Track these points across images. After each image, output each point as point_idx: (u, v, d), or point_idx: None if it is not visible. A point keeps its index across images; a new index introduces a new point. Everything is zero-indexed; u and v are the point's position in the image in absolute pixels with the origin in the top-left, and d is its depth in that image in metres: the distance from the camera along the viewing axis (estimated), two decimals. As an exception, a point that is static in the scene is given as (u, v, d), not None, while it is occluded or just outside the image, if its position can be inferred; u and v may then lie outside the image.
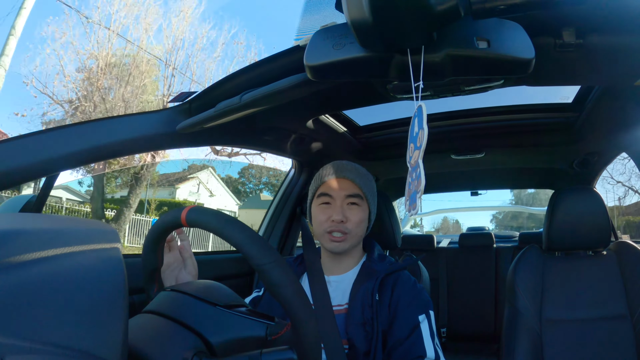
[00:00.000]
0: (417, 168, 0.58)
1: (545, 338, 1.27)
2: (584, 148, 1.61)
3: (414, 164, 0.60)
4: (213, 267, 1.47)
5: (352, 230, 0.99)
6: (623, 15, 0.68)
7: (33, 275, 0.38)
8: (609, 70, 0.87)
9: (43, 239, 0.42)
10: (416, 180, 0.58)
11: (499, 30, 0.61)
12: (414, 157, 0.60)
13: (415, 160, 0.59)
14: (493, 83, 0.82)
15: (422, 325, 0.90)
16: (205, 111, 1.01)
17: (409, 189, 0.61)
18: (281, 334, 0.57)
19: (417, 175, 0.57)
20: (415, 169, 0.59)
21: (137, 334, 0.52)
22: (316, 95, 0.97)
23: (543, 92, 1.45)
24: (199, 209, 0.59)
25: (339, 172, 1.02)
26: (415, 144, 0.61)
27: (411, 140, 0.63)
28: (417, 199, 0.57)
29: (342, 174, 1.02)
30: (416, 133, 0.61)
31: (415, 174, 0.59)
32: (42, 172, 0.89)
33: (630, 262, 1.29)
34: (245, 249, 0.53)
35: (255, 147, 1.45)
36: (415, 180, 0.58)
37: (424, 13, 0.53)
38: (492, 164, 1.98)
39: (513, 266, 1.40)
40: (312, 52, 0.67)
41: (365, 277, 0.98)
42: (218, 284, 0.67)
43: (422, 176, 0.56)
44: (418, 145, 0.59)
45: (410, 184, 0.61)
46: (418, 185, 0.57)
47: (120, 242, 0.47)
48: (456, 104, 1.51)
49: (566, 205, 1.35)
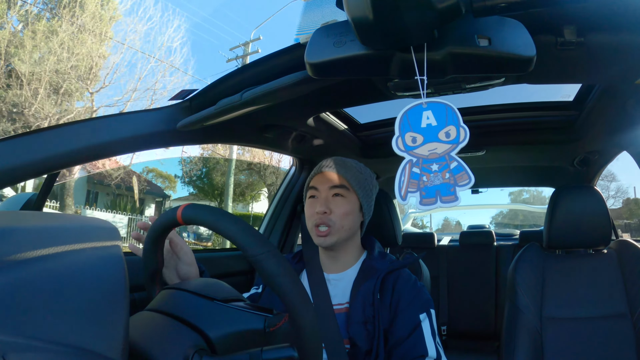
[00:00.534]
0: (452, 161, 0.59)
1: (545, 336, 1.27)
2: (585, 146, 1.61)
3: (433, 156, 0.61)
4: (214, 265, 1.47)
5: (337, 222, 0.97)
6: (624, 14, 0.68)
7: (34, 273, 0.38)
8: (610, 69, 0.86)
9: (44, 236, 0.42)
10: (445, 172, 0.59)
11: (500, 28, 0.61)
12: (435, 149, 0.61)
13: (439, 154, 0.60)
14: (494, 81, 0.82)
15: (423, 324, 0.90)
16: (206, 109, 1.01)
17: (414, 180, 0.61)
18: (279, 325, 0.57)
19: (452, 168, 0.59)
20: (440, 162, 0.60)
21: (138, 331, 0.52)
22: (317, 93, 0.97)
23: (544, 90, 1.45)
24: (193, 206, 0.59)
25: (325, 166, 1.03)
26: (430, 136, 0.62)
27: (413, 131, 0.63)
28: (457, 192, 0.58)
29: (328, 167, 1.02)
30: (430, 125, 0.62)
31: (438, 166, 0.60)
32: (43, 170, 0.89)
33: (631, 261, 1.29)
34: (240, 240, 0.53)
35: (256, 145, 1.45)
36: (444, 172, 0.59)
37: (425, 11, 0.53)
38: (492, 162, 1.98)
39: (513, 264, 1.40)
40: (313, 50, 0.67)
41: (366, 275, 0.98)
42: (216, 281, 0.67)
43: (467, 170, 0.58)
44: (446, 140, 0.60)
45: (421, 175, 0.61)
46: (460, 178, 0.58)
47: (120, 239, 0.47)
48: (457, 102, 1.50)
49: (567, 204, 1.35)
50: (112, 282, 0.43)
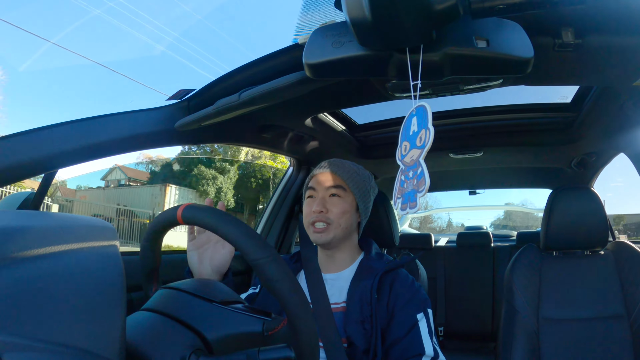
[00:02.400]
0: (418, 167, 0.59)
1: (542, 337, 1.27)
2: (582, 148, 1.62)
3: (412, 162, 0.61)
4: None
5: (334, 220, 0.99)
6: (622, 16, 0.68)
7: (31, 272, 0.38)
8: (607, 71, 0.87)
9: (41, 236, 0.42)
10: (414, 179, 0.59)
11: (498, 30, 0.61)
12: (412, 156, 0.61)
13: (414, 160, 0.60)
14: (492, 82, 0.82)
15: (420, 323, 0.91)
16: (204, 109, 1.01)
17: (401, 187, 0.62)
18: (277, 329, 0.57)
19: (418, 174, 0.58)
20: (414, 168, 0.60)
21: (135, 331, 0.51)
22: (315, 94, 0.97)
23: (542, 92, 1.45)
24: (194, 207, 0.59)
25: (324, 167, 1.06)
26: (412, 142, 0.62)
27: (406, 139, 0.64)
28: (417, 198, 0.58)
29: (326, 168, 1.05)
30: (414, 132, 0.62)
31: (412, 172, 0.60)
32: (40, 169, 0.88)
33: (628, 262, 1.29)
34: (241, 244, 0.53)
35: (254, 145, 1.45)
36: (413, 179, 0.59)
37: (424, 12, 0.53)
38: (490, 163, 1.98)
39: (511, 265, 1.40)
40: (311, 50, 0.67)
41: (364, 274, 0.98)
42: (215, 282, 0.67)
43: (426, 175, 0.57)
44: (419, 145, 0.60)
45: (403, 182, 0.62)
46: (420, 184, 0.58)
47: (118, 239, 0.47)
48: (455, 103, 1.51)
49: (564, 205, 1.36)
50: (109, 282, 0.43)
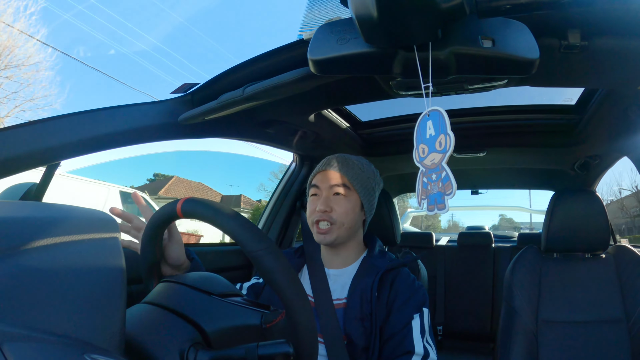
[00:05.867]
0: (442, 171, 0.61)
1: (540, 338, 1.27)
2: (586, 150, 1.61)
3: (433, 165, 0.63)
4: (213, 259, 1.47)
5: (338, 220, 0.98)
6: (629, 19, 0.67)
7: (32, 263, 0.38)
8: (613, 74, 0.86)
9: (42, 227, 0.42)
10: (439, 182, 0.62)
11: (504, 30, 0.61)
12: (432, 159, 0.63)
13: (436, 163, 0.62)
14: (496, 82, 0.81)
15: (414, 322, 0.91)
16: (208, 103, 1.01)
17: (424, 188, 0.64)
18: (276, 322, 0.57)
19: (443, 177, 0.61)
20: (437, 171, 0.62)
21: (135, 323, 0.52)
22: (319, 90, 0.97)
23: (546, 93, 1.44)
24: (194, 200, 0.59)
25: (328, 164, 1.04)
26: (431, 146, 0.63)
27: (422, 142, 0.65)
28: (445, 200, 0.61)
29: (330, 165, 1.03)
30: (431, 135, 0.63)
31: (436, 176, 0.62)
32: (43, 161, 0.88)
33: (628, 266, 1.29)
34: (238, 236, 0.54)
35: (257, 140, 1.45)
36: (438, 182, 0.62)
37: (430, 10, 0.53)
38: (493, 163, 1.98)
39: (511, 266, 1.40)
40: (316, 46, 0.67)
41: (366, 272, 0.98)
42: (214, 275, 0.67)
43: (452, 179, 0.60)
44: (440, 149, 0.62)
45: (426, 184, 0.64)
46: (446, 187, 0.61)
47: (119, 231, 0.47)
48: (459, 103, 1.51)
49: (566, 207, 1.36)
50: (110, 274, 0.43)
